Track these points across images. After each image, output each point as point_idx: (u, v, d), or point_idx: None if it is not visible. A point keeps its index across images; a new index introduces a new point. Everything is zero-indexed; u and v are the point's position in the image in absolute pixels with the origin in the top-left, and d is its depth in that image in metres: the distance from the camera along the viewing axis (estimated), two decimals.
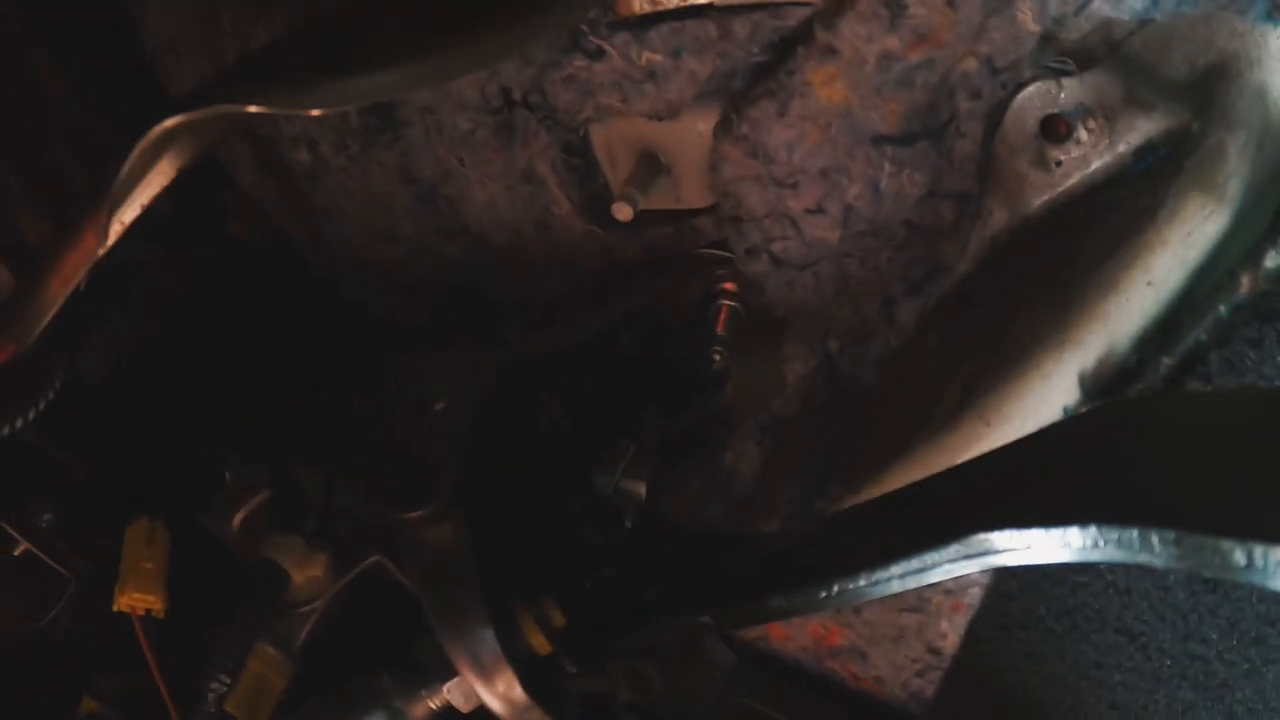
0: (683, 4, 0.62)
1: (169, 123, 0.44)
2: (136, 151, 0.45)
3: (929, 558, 0.49)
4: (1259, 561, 0.35)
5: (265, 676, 0.68)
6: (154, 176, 0.50)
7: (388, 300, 0.83)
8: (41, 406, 0.55)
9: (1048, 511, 0.43)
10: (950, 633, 0.68)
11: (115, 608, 0.64)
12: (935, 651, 0.70)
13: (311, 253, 0.82)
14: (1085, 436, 0.50)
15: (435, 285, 0.81)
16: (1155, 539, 0.38)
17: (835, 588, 0.53)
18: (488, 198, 0.74)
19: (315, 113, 0.44)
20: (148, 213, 0.74)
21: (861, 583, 0.51)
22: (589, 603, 0.67)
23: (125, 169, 0.45)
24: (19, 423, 0.54)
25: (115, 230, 0.50)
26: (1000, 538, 0.45)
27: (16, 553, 0.71)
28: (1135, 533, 0.39)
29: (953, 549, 0.47)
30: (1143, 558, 0.38)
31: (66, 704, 0.74)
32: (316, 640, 0.71)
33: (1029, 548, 0.44)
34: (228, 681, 0.62)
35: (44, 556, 0.70)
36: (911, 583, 0.50)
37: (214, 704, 0.62)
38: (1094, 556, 0.41)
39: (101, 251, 0.48)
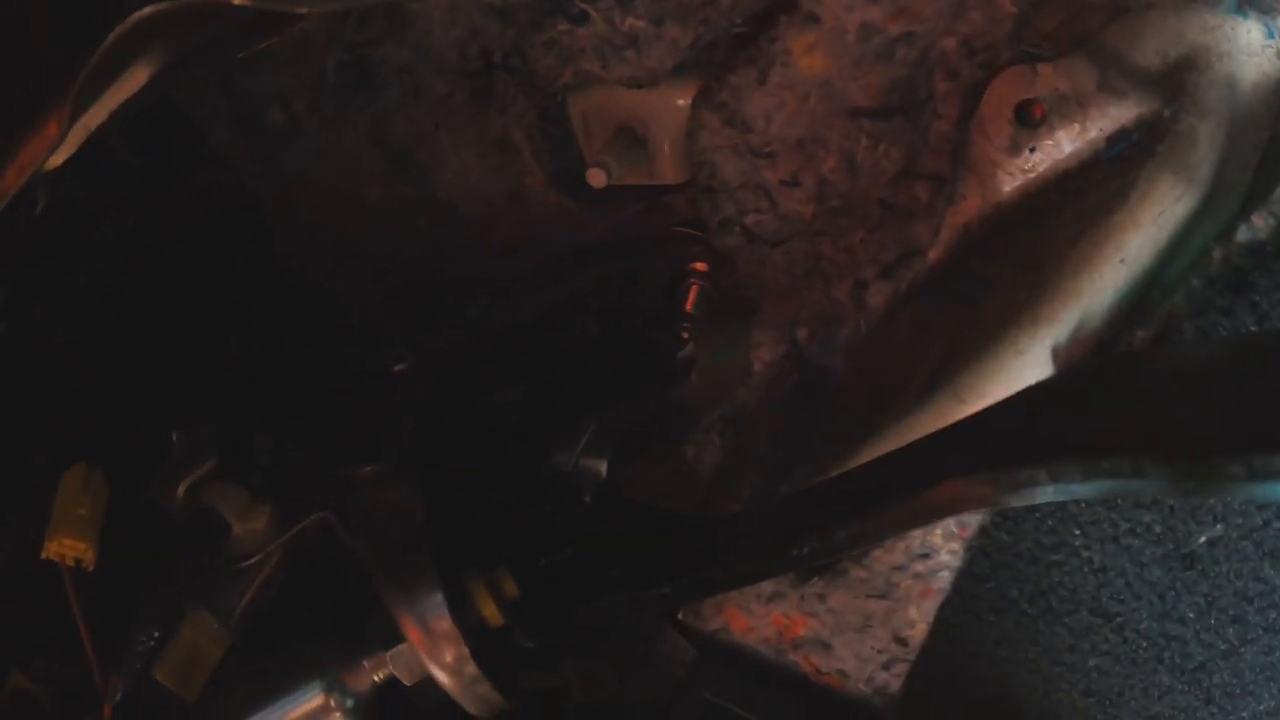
0: None
1: (147, 10, 0.42)
2: (110, 39, 0.43)
3: (904, 509, 0.47)
4: (1260, 469, 0.34)
5: (200, 645, 0.63)
6: (126, 80, 0.48)
7: (351, 277, 0.81)
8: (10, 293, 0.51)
9: (1030, 450, 0.42)
10: (919, 620, 0.66)
11: (43, 555, 0.60)
12: (902, 642, 0.68)
13: (278, 223, 0.80)
14: (1063, 390, 0.50)
15: (400, 261, 0.79)
16: (1147, 463, 0.37)
17: (807, 546, 0.51)
18: (460, 165, 0.73)
19: (303, 10, 0.43)
20: (113, 160, 0.71)
21: (835, 538, 0.50)
22: (545, 579, 0.64)
23: (97, 57, 0.43)
24: None
25: (78, 133, 0.48)
26: (980, 482, 0.44)
27: None
28: (1126, 460, 0.38)
29: (932, 497, 0.46)
30: (1135, 485, 0.37)
31: None
32: (256, 613, 0.67)
33: (1020, 489, 0.42)
34: (155, 636, 0.58)
35: None
36: (887, 535, 0.49)
37: (138, 660, 0.57)
38: (1084, 491, 0.40)
39: (65, 148, 0.46)
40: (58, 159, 0.51)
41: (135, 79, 0.50)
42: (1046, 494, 0.41)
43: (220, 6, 0.42)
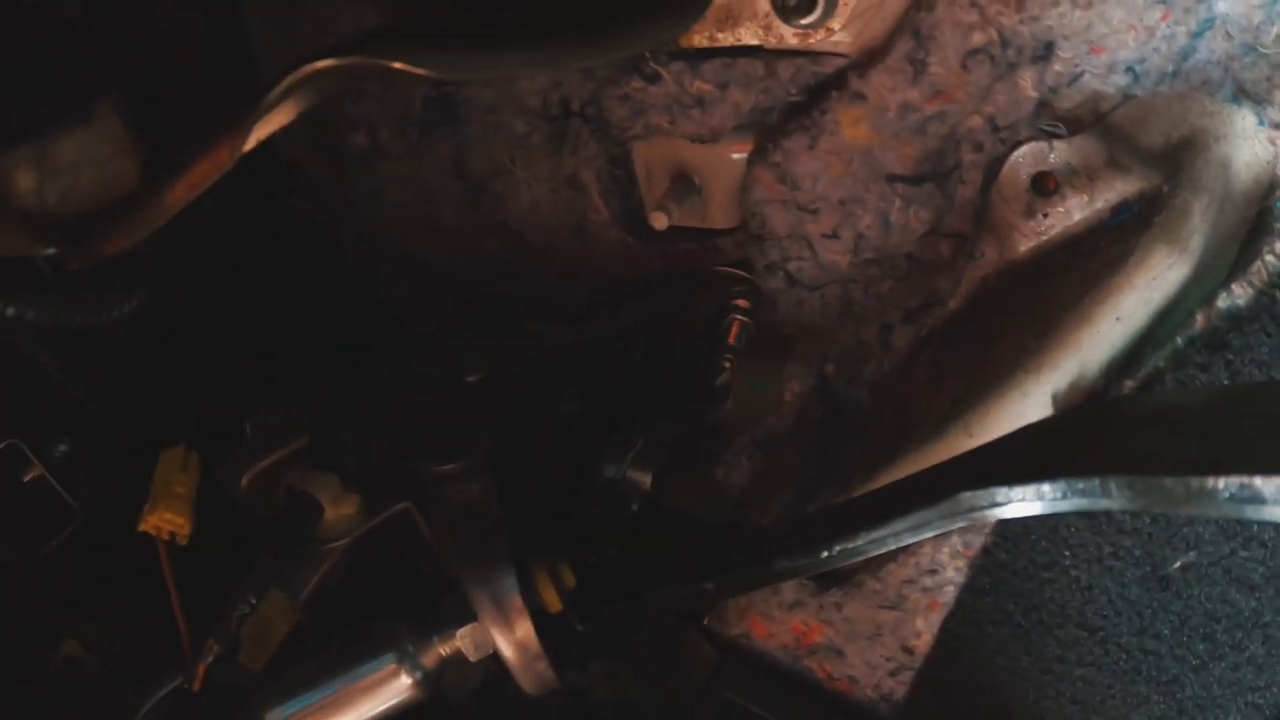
0: (736, 43, 0.71)
1: (320, 64, 0.50)
2: (285, 83, 0.50)
3: (921, 516, 0.55)
4: (1194, 490, 0.42)
5: (272, 620, 0.70)
6: (279, 114, 0.55)
7: (418, 293, 0.88)
8: (132, 305, 0.58)
9: (1029, 472, 0.51)
10: (924, 631, 0.74)
11: (141, 528, 0.66)
12: (908, 650, 0.75)
13: (351, 239, 0.87)
14: (1056, 428, 0.58)
15: (466, 279, 0.86)
16: (1113, 484, 0.45)
17: (836, 547, 0.58)
18: (532, 198, 0.81)
19: (449, 77, 0.50)
20: None
21: (860, 541, 0.57)
22: (596, 575, 0.71)
23: (272, 96, 0.50)
24: (110, 314, 0.57)
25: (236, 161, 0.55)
26: (984, 495, 0.52)
27: (27, 478, 0.72)
28: (1096, 481, 0.46)
29: (943, 506, 0.54)
30: (1104, 503, 0.46)
31: (47, 642, 0.75)
32: (321, 596, 0.74)
33: (1009, 502, 0.51)
34: (253, 603, 0.64)
35: (55, 483, 0.71)
36: (907, 538, 0.56)
37: (235, 624, 0.64)
38: (1063, 506, 0.48)
39: (231, 166, 0.53)
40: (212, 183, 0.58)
41: (286, 115, 0.57)
42: (1032, 509, 0.50)
43: (388, 70, 0.49)
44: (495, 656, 0.67)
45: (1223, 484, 0.40)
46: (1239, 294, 0.67)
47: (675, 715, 0.81)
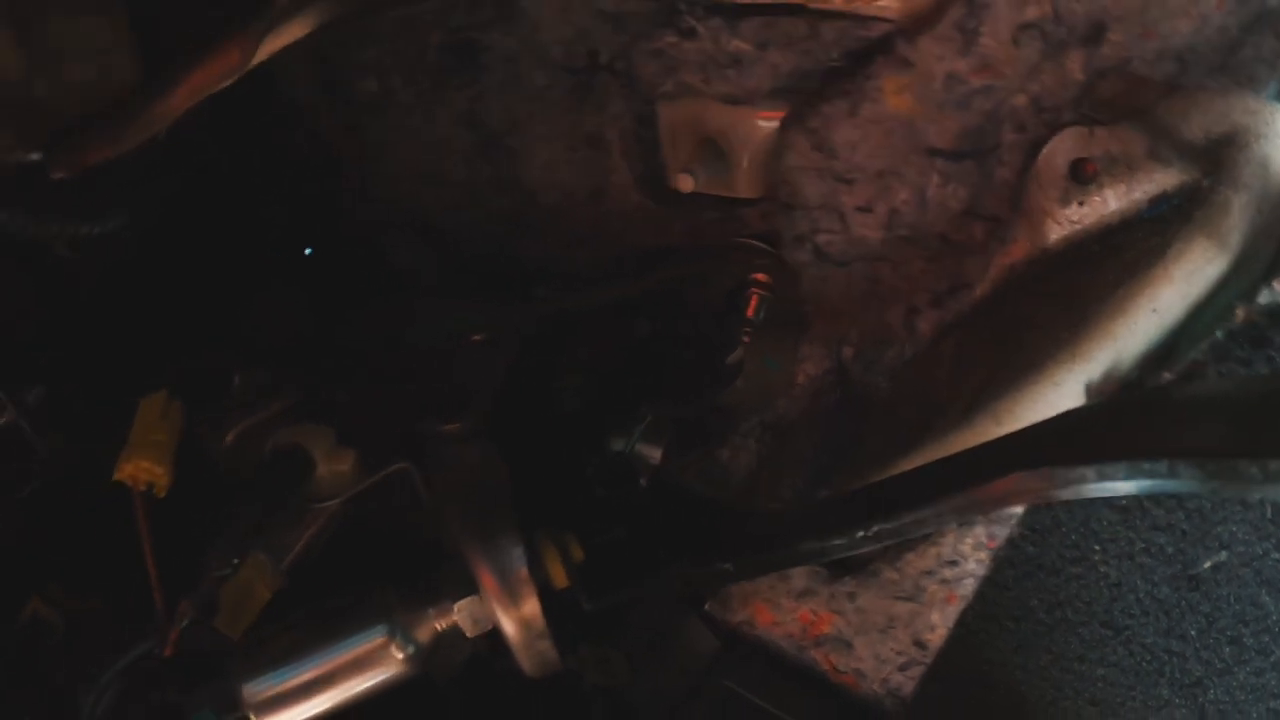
0: (779, 0, 0.67)
1: None
2: None
3: (968, 497, 0.52)
4: (1273, 471, 0.40)
5: (253, 585, 0.65)
6: (292, 26, 0.51)
7: (421, 252, 0.83)
8: (107, 227, 0.53)
9: (1082, 454, 0.48)
10: (940, 625, 0.71)
11: (116, 476, 0.60)
12: (921, 645, 0.72)
13: (354, 189, 0.82)
14: (1107, 411, 0.55)
15: (473, 239, 0.82)
16: (1181, 466, 0.43)
17: (875, 527, 0.55)
18: (548, 156, 0.77)
19: None
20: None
21: (904, 520, 0.54)
22: (603, 552, 0.67)
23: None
24: (79, 232, 0.51)
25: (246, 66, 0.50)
26: (1040, 475, 0.49)
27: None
28: (1164, 463, 0.44)
29: (995, 486, 0.51)
30: (1171, 485, 0.43)
31: (12, 600, 0.68)
32: (305, 561, 0.69)
33: (1069, 484, 0.48)
34: (234, 564, 0.59)
35: (28, 429, 0.66)
36: (950, 520, 0.53)
37: (213, 586, 0.58)
38: (1127, 488, 0.46)
39: (235, 77, 0.48)
40: (216, 89, 0.53)
41: (302, 26, 0.52)
42: (1092, 490, 0.47)
43: None
44: (487, 634, 0.63)
45: None
46: None
47: (670, 702, 0.78)
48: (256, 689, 0.61)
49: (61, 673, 0.68)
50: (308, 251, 0.81)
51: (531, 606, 0.60)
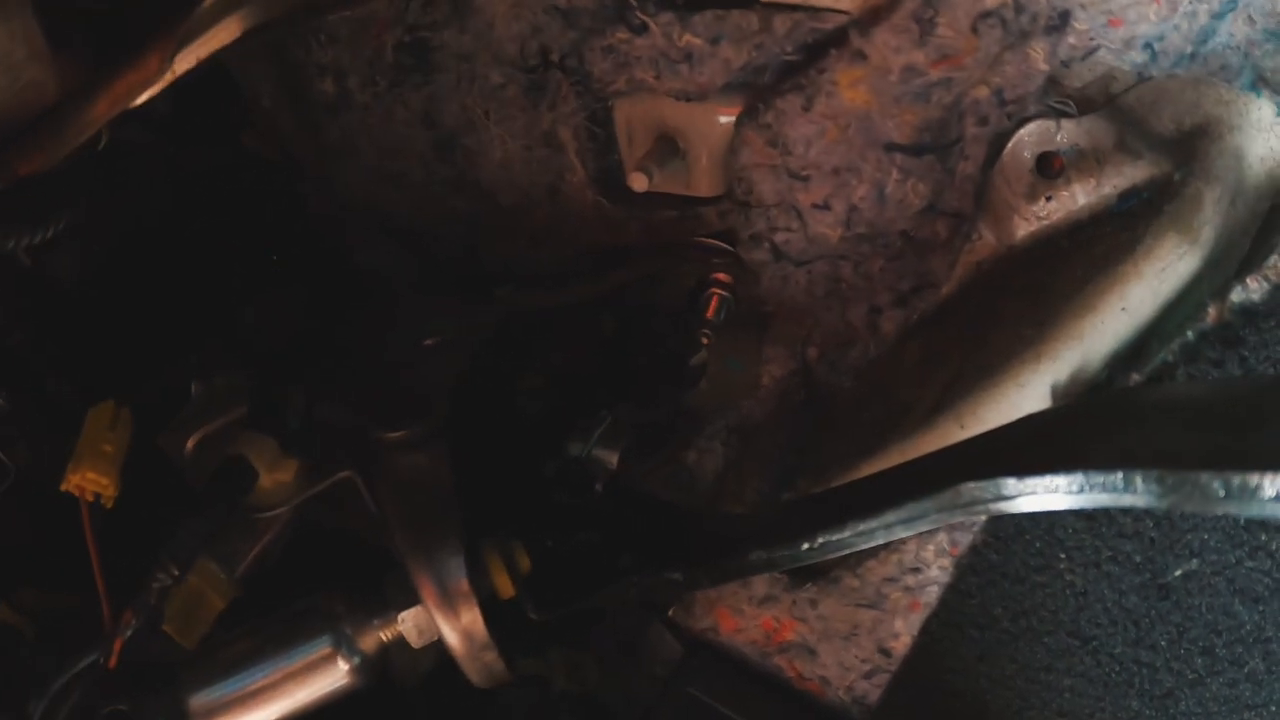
0: None
1: None
2: None
3: (916, 507, 0.50)
4: (1235, 487, 0.37)
5: (204, 594, 0.64)
6: (221, 30, 0.50)
7: (382, 251, 0.83)
8: (49, 234, 0.53)
9: (1038, 463, 0.46)
10: (903, 633, 0.69)
11: (63, 487, 0.60)
12: (885, 653, 0.71)
13: (314, 192, 0.82)
14: (1066, 416, 0.53)
15: (433, 239, 0.81)
16: (1139, 479, 0.41)
17: (820, 539, 0.54)
18: (504, 155, 0.76)
19: None
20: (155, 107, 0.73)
21: (847, 533, 0.53)
22: (555, 559, 0.66)
23: (207, 3, 0.45)
24: (22, 241, 0.51)
25: (166, 74, 0.50)
26: (989, 486, 0.47)
27: None
28: (1119, 474, 0.42)
29: (942, 497, 0.49)
30: (1126, 499, 0.41)
31: None
32: (259, 570, 0.68)
33: (1018, 495, 0.46)
34: (176, 574, 0.58)
35: None
36: (899, 532, 0.51)
37: (155, 596, 0.58)
38: (1080, 501, 0.43)
39: (157, 86, 0.48)
40: (141, 98, 0.53)
41: (229, 31, 0.52)
42: (1046, 502, 0.45)
43: None
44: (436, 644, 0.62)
45: (1268, 482, 0.35)
46: (1253, 288, 0.63)
47: (637, 709, 0.77)
48: (203, 699, 0.61)
49: (25, 680, 0.69)
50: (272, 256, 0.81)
51: (471, 617, 0.59)
